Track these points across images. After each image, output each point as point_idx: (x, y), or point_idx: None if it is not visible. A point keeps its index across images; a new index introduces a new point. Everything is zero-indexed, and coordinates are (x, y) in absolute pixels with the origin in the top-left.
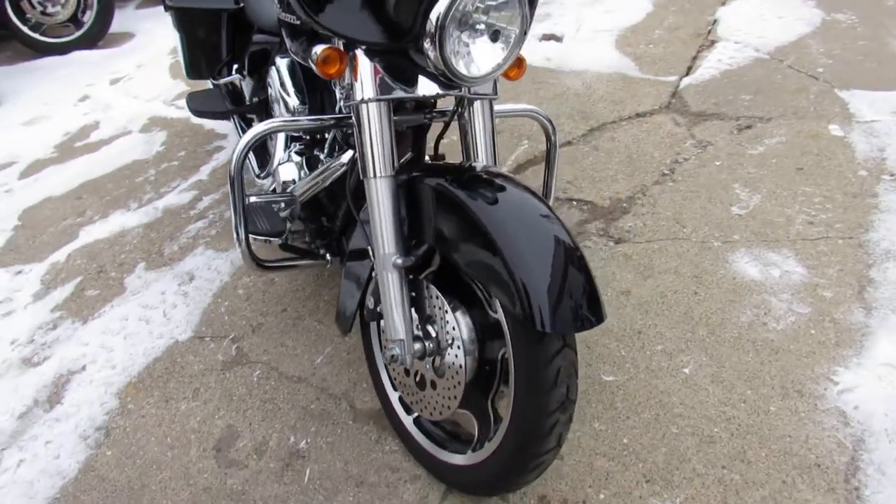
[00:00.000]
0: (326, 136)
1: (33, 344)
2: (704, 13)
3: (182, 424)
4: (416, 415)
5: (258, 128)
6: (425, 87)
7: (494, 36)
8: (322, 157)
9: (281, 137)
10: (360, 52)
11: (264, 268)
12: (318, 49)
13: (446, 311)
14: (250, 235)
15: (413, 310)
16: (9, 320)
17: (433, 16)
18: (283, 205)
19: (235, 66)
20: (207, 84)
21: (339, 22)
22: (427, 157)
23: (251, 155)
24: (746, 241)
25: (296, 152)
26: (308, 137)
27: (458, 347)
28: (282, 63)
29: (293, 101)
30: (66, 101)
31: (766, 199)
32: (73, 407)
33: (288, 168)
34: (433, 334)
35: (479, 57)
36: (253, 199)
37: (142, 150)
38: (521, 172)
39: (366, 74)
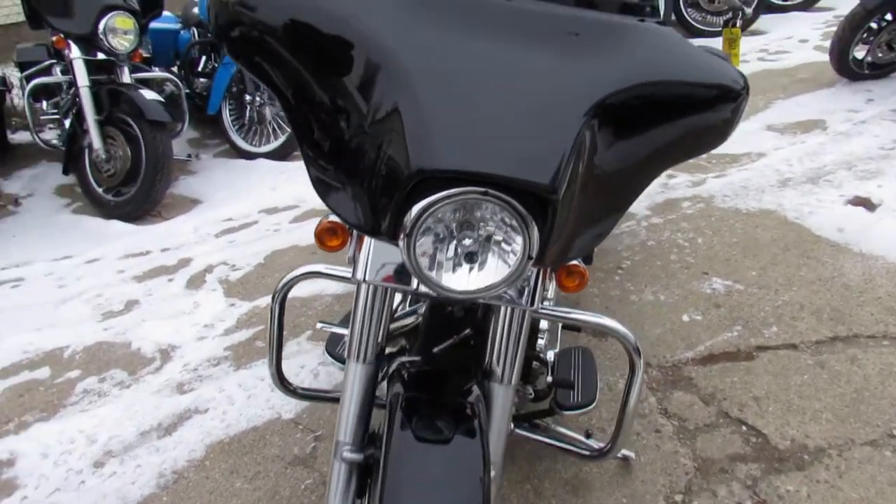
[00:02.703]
0: None
1: (194, 373)
2: None
3: (224, 502)
4: None
5: (298, 270)
6: None
7: (473, 257)
8: (405, 304)
9: None
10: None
11: (294, 394)
12: (324, 221)
13: None
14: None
15: None
16: (199, 344)
17: (414, 210)
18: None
19: None
20: None
21: (336, 202)
22: None
23: None
24: None
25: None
26: None
27: None
28: None
29: None
30: None
31: None
32: (174, 443)
33: None
34: None
35: (462, 273)
36: (319, 324)
37: None
38: (707, 366)
39: (365, 256)
